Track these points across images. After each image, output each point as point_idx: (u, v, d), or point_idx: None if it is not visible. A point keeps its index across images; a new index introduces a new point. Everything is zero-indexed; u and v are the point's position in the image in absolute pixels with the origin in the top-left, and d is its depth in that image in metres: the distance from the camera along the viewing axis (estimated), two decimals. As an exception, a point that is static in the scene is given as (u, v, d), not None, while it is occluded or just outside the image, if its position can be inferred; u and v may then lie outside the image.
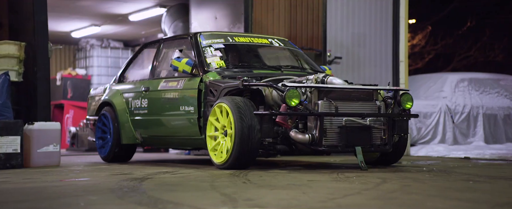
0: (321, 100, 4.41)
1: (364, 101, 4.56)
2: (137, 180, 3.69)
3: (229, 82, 4.69)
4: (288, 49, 5.68)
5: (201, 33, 5.33)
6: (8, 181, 3.81)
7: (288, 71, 5.15)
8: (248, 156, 4.37)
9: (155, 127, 5.38)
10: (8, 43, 5.73)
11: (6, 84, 5.37)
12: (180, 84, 5.11)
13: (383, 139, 4.59)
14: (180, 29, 7.85)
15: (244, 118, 4.31)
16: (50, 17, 9.88)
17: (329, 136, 4.41)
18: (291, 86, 4.33)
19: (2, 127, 5.09)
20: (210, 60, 5.02)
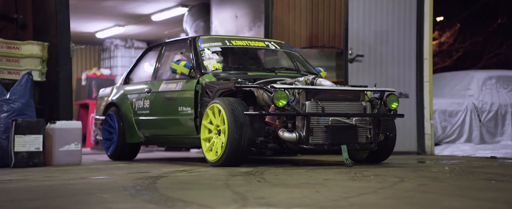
0: (308, 101, 4.61)
1: (350, 102, 4.77)
2: (152, 179, 3.71)
3: (223, 84, 4.91)
4: (284, 52, 5.88)
5: (200, 37, 5.55)
6: (27, 179, 3.86)
7: (282, 73, 5.35)
8: (240, 153, 4.58)
9: (156, 126, 5.61)
10: (31, 43, 5.81)
11: (29, 84, 5.44)
12: (178, 86, 5.35)
13: (368, 137, 4.78)
14: (201, 28, 7.87)
15: (236, 117, 4.53)
16: (75, 18, 10.08)
17: (315, 134, 4.62)
18: (279, 88, 4.53)
19: (25, 126, 5.16)
20: (207, 63, 5.24)
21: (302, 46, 7.48)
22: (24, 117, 5.30)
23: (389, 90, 4.96)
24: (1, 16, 6.29)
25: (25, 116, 5.34)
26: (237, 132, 4.53)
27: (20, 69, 5.74)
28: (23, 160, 5.14)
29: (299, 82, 4.80)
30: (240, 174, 4.06)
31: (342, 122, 4.68)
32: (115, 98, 6.17)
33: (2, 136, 5.24)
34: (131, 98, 5.95)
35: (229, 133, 4.54)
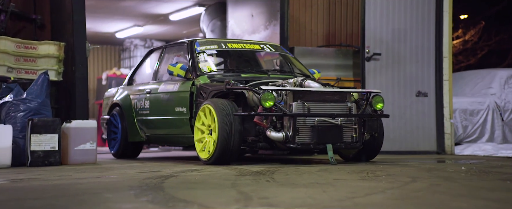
0: (295, 102, 4.80)
1: (336, 103, 4.95)
2: (162, 178, 3.71)
3: (215, 86, 5.11)
4: (279, 54, 6.06)
5: (197, 40, 5.75)
6: (39, 178, 3.90)
7: (274, 75, 5.53)
8: (230, 152, 4.77)
9: (156, 126, 5.83)
10: (48, 43, 5.87)
11: (46, 83, 5.50)
12: (175, 87, 5.56)
13: (353, 137, 4.96)
14: (218, 28, 7.87)
15: (225, 118, 4.73)
16: (95, 18, 10.18)
17: (301, 134, 4.80)
18: (266, 90, 4.72)
19: (41, 125, 5.21)
20: (202, 65, 5.46)
21: (319, 45, 7.44)
22: (40, 116, 5.35)
23: (374, 91, 5.11)
24: (20, 16, 6.37)
25: (41, 115, 5.39)
26: (227, 131, 4.71)
27: (37, 69, 5.80)
28: (39, 159, 5.19)
29: (289, 84, 4.98)
30: (250, 174, 4.04)
31: (327, 122, 4.85)
32: (118, 99, 6.39)
33: (18, 135, 5.30)
34: (133, 99, 6.16)
35: (219, 132, 4.72)
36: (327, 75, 7.01)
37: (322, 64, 7.00)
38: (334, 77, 7.00)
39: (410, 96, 7.07)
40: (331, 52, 7.12)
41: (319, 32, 7.55)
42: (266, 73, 5.56)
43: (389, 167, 4.75)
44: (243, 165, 4.97)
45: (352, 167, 4.77)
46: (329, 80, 6.94)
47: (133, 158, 6.36)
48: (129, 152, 6.31)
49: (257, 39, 6.93)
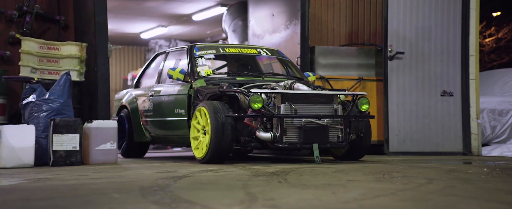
0: (282, 104, 5.06)
1: (322, 104, 5.19)
2: (175, 178, 3.72)
3: (210, 89, 5.40)
4: (276, 58, 6.35)
5: (196, 45, 6.04)
6: (56, 178, 3.95)
7: (268, 78, 5.78)
8: (222, 151, 5.04)
9: (159, 127, 6.13)
10: (70, 44, 5.96)
11: (68, 84, 5.57)
12: (175, 90, 5.87)
13: (339, 137, 5.20)
14: (239, 27, 7.86)
15: (217, 119, 5.01)
16: (120, 19, 10.28)
17: (289, 134, 5.06)
18: (255, 92, 5.00)
19: (62, 125, 5.29)
20: (200, 69, 5.73)
21: (341, 44, 7.37)
22: (62, 116, 5.43)
23: (360, 94, 5.35)
24: (45, 17, 6.48)
25: (63, 115, 5.47)
26: (219, 131, 4.98)
27: (60, 69, 5.89)
28: (61, 158, 5.27)
29: (279, 87, 5.27)
30: (264, 174, 4.02)
31: (314, 123, 5.09)
32: (126, 101, 6.73)
33: (41, 135, 5.38)
34: (139, 101, 6.49)
35: (212, 133, 5.00)
36: (348, 74, 6.95)
37: (343, 64, 6.94)
38: (356, 77, 6.93)
39: (434, 96, 6.96)
40: (353, 52, 7.05)
41: (341, 31, 7.48)
42: (261, 76, 5.82)
43: (408, 168, 4.68)
44: (259, 165, 4.97)
45: (370, 168, 4.72)
46: (351, 79, 6.90)
47: (140, 157, 6.67)
48: (136, 152, 6.63)
49: (278, 39, 6.91)
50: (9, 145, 5.10)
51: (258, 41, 7.25)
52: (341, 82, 6.88)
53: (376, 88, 7.02)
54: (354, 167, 4.82)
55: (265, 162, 5.56)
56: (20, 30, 6.32)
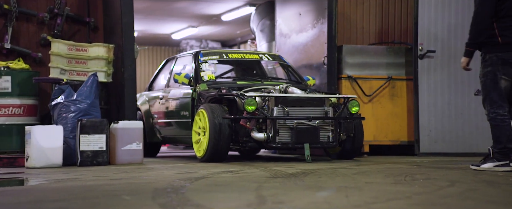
0: (276, 107, 5.38)
1: (314, 107, 5.50)
2: (191, 180, 3.73)
3: (211, 92, 5.76)
4: (278, 63, 6.68)
5: (201, 51, 6.41)
6: (77, 179, 4.01)
7: (267, 82, 6.13)
8: (220, 150, 5.36)
9: (167, 128, 6.51)
10: (97, 45, 6.04)
11: (95, 85, 5.65)
12: (181, 93, 6.25)
13: (329, 137, 5.49)
14: (267, 27, 7.83)
15: (214, 120, 5.33)
16: (151, 20, 10.39)
17: (281, 135, 5.36)
18: (250, 96, 5.34)
19: (89, 126, 5.36)
20: (203, 74, 6.08)
21: (370, 43, 7.27)
22: (90, 117, 5.51)
23: (350, 96, 5.64)
24: (75, 19, 6.59)
25: (91, 116, 5.55)
26: (216, 132, 5.31)
27: (88, 70, 5.97)
28: (88, 158, 5.35)
29: (275, 91, 5.63)
30: (283, 176, 4.00)
31: (305, 124, 5.39)
32: (139, 104, 7.06)
33: (69, 135, 5.47)
34: (150, 103, 6.86)
35: (210, 133, 5.33)
36: (377, 74, 6.85)
37: (372, 63, 6.84)
38: (385, 76, 6.83)
39: (468, 95, 6.79)
40: (382, 50, 6.93)
41: (371, 29, 7.37)
42: (260, 80, 6.16)
43: (433, 170, 4.59)
44: (281, 166, 4.94)
45: (394, 169, 4.64)
46: (380, 79, 6.79)
47: (152, 157, 6.97)
48: (148, 152, 6.80)
49: (304, 38, 6.86)
50: (38, 145, 5.21)
51: (285, 41, 7.21)
52: (369, 81, 6.78)
53: (406, 87, 6.89)
54: (377, 168, 4.75)
55: (289, 162, 5.53)
56: (51, 32, 6.44)
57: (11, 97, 6.00)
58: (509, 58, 4.25)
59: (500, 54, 4.27)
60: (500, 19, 4.28)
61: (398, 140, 6.84)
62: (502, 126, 4.29)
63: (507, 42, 4.25)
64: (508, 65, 4.26)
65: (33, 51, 6.45)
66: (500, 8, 4.24)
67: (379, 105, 6.80)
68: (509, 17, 4.26)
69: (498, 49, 4.27)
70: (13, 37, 6.39)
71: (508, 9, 4.24)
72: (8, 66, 6.07)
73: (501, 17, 4.27)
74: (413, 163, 5.52)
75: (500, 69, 4.28)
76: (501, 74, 4.28)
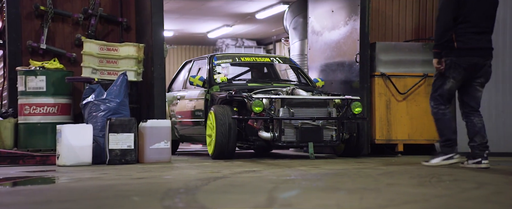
0: (281, 108, 5.72)
1: (318, 108, 5.83)
2: (209, 180, 3.69)
3: (222, 94, 6.07)
4: (289, 66, 7.04)
5: (215, 55, 6.79)
6: (98, 178, 4.03)
7: (277, 84, 6.47)
8: (226, 148, 5.67)
9: (184, 127, 6.82)
10: (127, 45, 6.08)
11: (124, 84, 5.69)
12: (196, 94, 6.58)
13: (332, 136, 5.78)
14: (300, 24, 7.73)
15: (222, 121, 5.63)
16: (186, 19, 10.43)
17: (287, 134, 5.69)
18: (257, 98, 5.69)
19: (118, 125, 5.40)
20: (217, 76, 6.45)
21: (406, 40, 7.08)
22: (119, 116, 5.55)
23: (353, 98, 5.90)
24: (108, 20, 6.66)
25: (120, 114, 5.59)
26: (223, 132, 5.61)
27: (118, 70, 6.02)
28: (116, 157, 5.39)
29: (282, 92, 5.96)
30: (303, 176, 3.91)
31: (309, 124, 5.70)
32: None
33: (99, 134, 5.53)
34: (169, 104, 7.06)
35: (217, 132, 5.66)
36: (412, 71, 6.66)
37: (406, 60, 6.65)
38: (421, 74, 6.64)
39: (509, 93, 6.53)
40: (418, 47, 6.74)
41: (407, 25, 7.17)
42: (270, 82, 6.52)
43: (465, 171, 4.42)
44: (308, 165, 4.86)
45: (423, 170, 4.49)
46: (415, 76, 6.60)
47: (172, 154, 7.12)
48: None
49: (336, 36, 6.74)
50: (68, 144, 5.28)
51: (317, 38, 7.10)
52: (404, 79, 6.60)
53: (443, 85, 6.68)
54: (406, 169, 4.61)
55: (314, 161, 5.43)
56: (85, 33, 6.53)
57: (46, 97, 6.11)
58: (461, 63, 4.52)
59: (454, 59, 4.54)
60: (458, 25, 4.52)
61: (434, 139, 6.63)
62: (444, 119, 4.65)
63: (461, 48, 4.52)
64: (460, 69, 4.53)
65: (68, 51, 6.55)
66: (458, 14, 4.48)
67: (414, 103, 6.61)
68: (466, 23, 4.51)
69: (453, 54, 4.54)
70: (49, 37, 6.51)
71: (465, 16, 4.48)
72: (43, 66, 6.18)
73: (459, 23, 4.52)
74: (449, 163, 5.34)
75: (451, 72, 4.56)
76: (452, 77, 4.58)
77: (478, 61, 4.51)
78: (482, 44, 4.53)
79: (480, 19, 4.52)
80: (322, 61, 7.02)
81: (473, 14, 4.48)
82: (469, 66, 4.50)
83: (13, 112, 6.26)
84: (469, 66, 4.50)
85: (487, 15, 4.56)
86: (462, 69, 4.52)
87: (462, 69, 4.52)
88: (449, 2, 4.48)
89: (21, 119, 6.14)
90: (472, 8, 4.48)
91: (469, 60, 4.50)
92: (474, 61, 4.50)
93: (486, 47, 4.55)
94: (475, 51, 4.52)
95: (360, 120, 5.94)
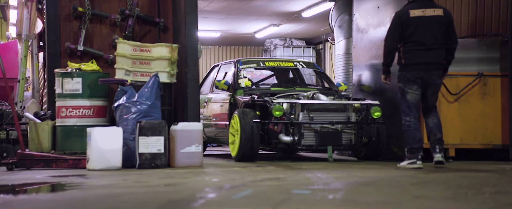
0: (301, 112, 5.92)
1: (337, 112, 6.01)
2: (221, 189, 3.44)
3: (245, 98, 6.27)
4: (313, 70, 7.36)
5: (240, 60, 7.02)
6: (113, 185, 3.86)
7: (299, 88, 6.61)
8: (250, 150, 5.83)
9: (210, 129, 7.05)
10: (160, 45, 5.90)
11: (156, 86, 5.53)
12: (221, 98, 6.83)
13: (351, 140, 5.94)
14: (345, 22, 7.37)
15: (245, 124, 5.82)
16: (232, 20, 10.23)
17: (306, 138, 5.86)
18: (277, 102, 5.86)
19: (148, 128, 5.24)
20: (241, 80, 6.66)
21: (461, 36, 6.57)
22: (150, 119, 5.39)
23: (373, 103, 6.02)
24: (145, 20, 6.52)
25: (151, 117, 5.43)
26: (247, 134, 5.78)
27: (151, 71, 5.85)
28: (146, 161, 5.23)
29: (303, 97, 6.08)
30: (323, 186, 3.59)
31: (328, 128, 5.86)
32: None
33: (130, 137, 5.39)
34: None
35: (241, 135, 5.82)
36: (466, 70, 6.17)
37: (459, 58, 6.09)
38: (475, 72, 6.14)
39: None
40: (472, 44, 6.24)
41: (463, 20, 6.65)
42: (293, 87, 6.65)
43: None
44: (335, 172, 4.52)
45: (465, 179, 4.07)
46: (469, 76, 6.11)
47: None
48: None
49: (382, 33, 6.30)
50: (97, 147, 5.16)
51: (362, 36, 6.71)
52: (456, 79, 6.12)
53: (500, 85, 6.15)
54: (447, 177, 4.20)
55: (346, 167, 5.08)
56: (123, 34, 6.43)
57: (82, 99, 6.03)
58: (410, 76, 5.07)
59: (405, 73, 5.11)
60: (404, 44, 5.10)
61: (490, 144, 6.12)
62: (409, 130, 5.12)
63: (408, 64, 5.08)
64: (410, 82, 5.07)
65: (106, 53, 6.46)
66: (404, 35, 5.07)
67: (468, 104, 6.12)
68: (411, 42, 5.06)
69: (404, 69, 5.11)
70: (87, 39, 6.44)
71: (410, 36, 5.06)
72: (80, 68, 6.11)
73: (405, 43, 5.10)
74: (502, 170, 4.87)
75: (406, 85, 5.10)
76: (408, 89, 5.11)
77: (423, 75, 5.05)
78: (426, 59, 5.05)
79: (425, 38, 5.05)
80: (367, 60, 6.64)
81: (417, 34, 5.03)
82: (416, 79, 5.06)
83: (51, 114, 6.23)
84: (416, 78, 5.06)
85: (433, 34, 5.06)
86: (412, 82, 5.06)
87: (411, 81, 5.06)
88: (394, 27, 5.11)
89: (58, 121, 6.08)
90: (416, 29, 5.04)
91: (416, 74, 5.05)
92: (420, 75, 5.05)
93: (430, 62, 5.06)
94: (419, 66, 5.05)
95: (378, 124, 5.99)
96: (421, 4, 5.07)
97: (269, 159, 6.58)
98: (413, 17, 5.04)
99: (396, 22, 5.09)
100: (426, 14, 5.05)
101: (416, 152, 5.07)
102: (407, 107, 5.12)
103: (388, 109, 6.22)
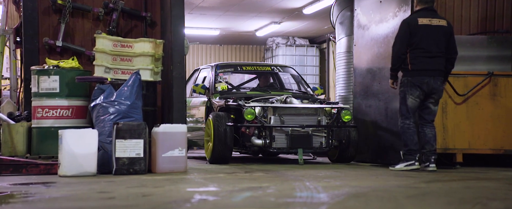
0: (273, 116, 6.07)
1: (308, 116, 6.17)
2: (185, 202, 2.99)
3: (220, 102, 6.43)
4: (290, 74, 7.44)
5: (218, 64, 7.23)
6: (71, 196, 3.42)
7: (274, 92, 6.77)
8: (223, 153, 5.98)
9: (192, 132, 7.04)
10: (143, 40, 5.46)
11: (136, 84, 5.10)
12: (199, 102, 7.03)
13: (322, 143, 6.10)
14: (347, 18, 6.94)
15: (220, 127, 5.97)
16: (230, 16, 9.80)
17: (277, 141, 6.02)
18: (249, 106, 6.02)
19: (126, 130, 4.80)
20: (218, 85, 6.80)
21: (470, 33, 6.10)
22: (130, 120, 4.96)
23: (343, 106, 6.21)
24: (131, 14, 6.10)
25: (131, 118, 5.00)
26: (221, 137, 5.94)
27: (133, 68, 5.41)
28: (123, 166, 4.79)
29: (276, 101, 6.23)
30: (304, 199, 3.14)
31: (299, 131, 6.02)
32: None
33: (106, 140, 4.96)
34: None
35: (214, 139, 5.98)
36: (474, 69, 5.71)
37: (468, 56, 5.72)
38: (485, 72, 5.66)
39: None
40: (482, 42, 5.77)
41: (472, 17, 6.18)
42: (268, 91, 6.84)
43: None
44: (324, 181, 4.05)
45: (473, 190, 3.61)
46: (478, 75, 5.64)
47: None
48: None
49: (384, 29, 5.90)
50: (70, 151, 4.72)
51: (363, 33, 6.26)
52: (464, 78, 5.65)
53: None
54: (450, 188, 3.73)
55: (333, 171, 4.63)
56: (106, 29, 6.00)
57: (59, 98, 5.58)
58: (415, 81, 5.17)
59: (410, 78, 5.20)
60: (411, 50, 5.19)
61: (501, 149, 5.64)
62: (408, 132, 5.20)
63: (414, 69, 5.18)
64: (415, 87, 5.17)
65: (88, 49, 6.03)
66: (411, 42, 5.17)
67: (476, 106, 5.65)
68: (418, 49, 5.17)
69: (409, 74, 5.21)
70: (68, 34, 6.03)
71: (417, 43, 5.16)
72: (58, 65, 5.69)
73: (412, 49, 5.19)
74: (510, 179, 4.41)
75: (409, 90, 5.20)
76: (409, 94, 5.20)
77: (428, 81, 5.14)
78: (431, 66, 5.15)
79: (431, 45, 5.14)
80: (369, 58, 6.20)
81: (423, 42, 5.13)
82: (421, 85, 5.14)
83: (27, 115, 5.80)
84: (421, 84, 5.14)
85: (437, 42, 5.15)
86: (416, 87, 5.15)
87: (416, 87, 5.15)
88: (403, 33, 5.17)
89: (34, 122, 5.64)
90: (422, 37, 5.14)
91: (421, 79, 5.14)
92: (426, 80, 5.14)
93: (435, 69, 5.16)
94: (425, 72, 5.14)
95: (348, 127, 6.14)
96: (428, 14, 5.20)
97: (244, 161, 6.68)
98: (421, 25, 5.14)
99: (405, 29, 5.17)
100: (432, 23, 5.18)
101: (414, 153, 5.16)
102: (407, 111, 5.22)
103: (389, 109, 5.80)
